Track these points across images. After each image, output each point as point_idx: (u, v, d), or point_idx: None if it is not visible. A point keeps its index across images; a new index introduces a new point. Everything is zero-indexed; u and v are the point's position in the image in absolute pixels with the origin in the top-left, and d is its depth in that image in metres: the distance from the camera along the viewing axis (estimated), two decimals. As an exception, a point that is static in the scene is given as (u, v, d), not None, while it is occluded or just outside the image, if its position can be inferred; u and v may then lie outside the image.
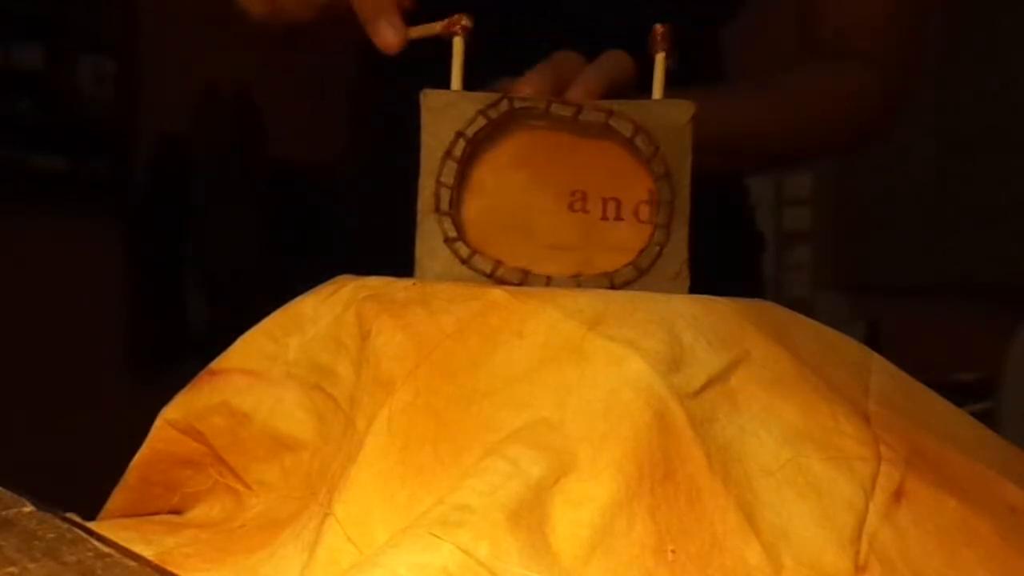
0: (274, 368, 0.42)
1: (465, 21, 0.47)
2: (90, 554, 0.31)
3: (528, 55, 0.56)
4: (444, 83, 0.46)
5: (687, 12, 0.48)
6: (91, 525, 0.37)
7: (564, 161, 0.46)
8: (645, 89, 0.48)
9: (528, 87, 0.52)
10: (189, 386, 0.44)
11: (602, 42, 0.57)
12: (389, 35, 0.52)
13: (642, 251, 0.45)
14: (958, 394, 0.50)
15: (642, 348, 0.37)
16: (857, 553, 0.35)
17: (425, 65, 0.48)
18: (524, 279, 0.44)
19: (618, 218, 0.46)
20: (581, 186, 0.46)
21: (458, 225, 0.45)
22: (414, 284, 0.42)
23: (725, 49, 0.84)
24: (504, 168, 0.46)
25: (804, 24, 0.81)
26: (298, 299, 0.44)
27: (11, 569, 0.30)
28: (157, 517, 0.45)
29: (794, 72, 0.80)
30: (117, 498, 0.45)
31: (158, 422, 0.43)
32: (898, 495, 0.37)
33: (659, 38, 0.47)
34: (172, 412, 0.43)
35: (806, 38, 0.81)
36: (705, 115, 0.46)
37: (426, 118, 0.46)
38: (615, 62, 0.55)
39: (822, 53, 0.80)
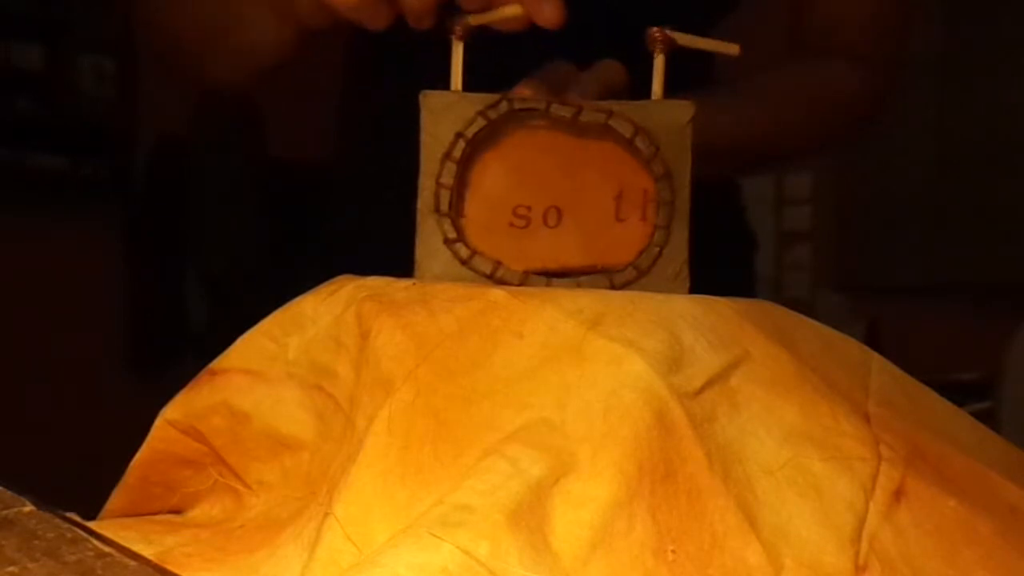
0: (274, 368, 0.42)
1: (466, 22, 0.47)
2: (90, 554, 0.31)
3: (520, 64, 0.56)
4: (432, 83, 0.46)
5: (677, 13, 0.48)
6: (91, 525, 0.37)
7: None
8: (637, 99, 0.47)
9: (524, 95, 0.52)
10: (189, 386, 0.44)
11: (594, 50, 0.57)
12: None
13: (642, 251, 0.45)
14: (958, 394, 0.50)
15: (642, 348, 0.37)
16: (857, 553, 0.35)
17: (412, 65, 0.48)
18: (524, 279, 0.44)
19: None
20: None
21: (458, 226, 0.45)
22: (414, 284, 0.42)
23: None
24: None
25: (793, 23, 0.82)
26: (298, 299, 0.44)
27: (11, 569, 0.30)
28: (157, 517, 0.45)
29: (785, 71, 0.81)
30: (117, 498, 0.45)
31: (158, 422, 0.43)
32: (898, 495, 0.37)
33: (658, 39, 0.47)
34: (172, 412, 0.43)
35: (795, 37, 0.82)
36: (705, 120, 0.46)
37: (426, 119, 0.45)
38: (608, 71, 0.55)
39: (811, 51, 0.80)
